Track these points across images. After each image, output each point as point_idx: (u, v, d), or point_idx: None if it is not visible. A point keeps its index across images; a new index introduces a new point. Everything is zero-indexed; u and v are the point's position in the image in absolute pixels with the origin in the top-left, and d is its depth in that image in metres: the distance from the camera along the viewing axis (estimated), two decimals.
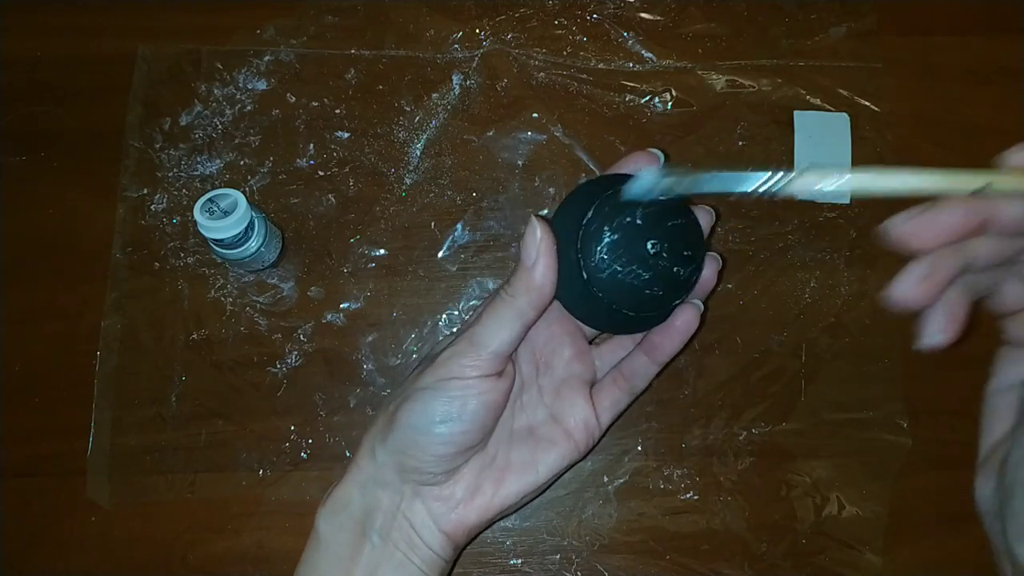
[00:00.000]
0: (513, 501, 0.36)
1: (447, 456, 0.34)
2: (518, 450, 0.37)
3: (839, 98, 0.50)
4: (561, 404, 0.38)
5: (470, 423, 0.34)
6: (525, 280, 0.32)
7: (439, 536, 0.35)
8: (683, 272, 0.33)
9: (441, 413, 0.33)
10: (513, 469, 0.36)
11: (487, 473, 0.36)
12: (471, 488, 0.35)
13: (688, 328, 0.36)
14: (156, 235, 0.48)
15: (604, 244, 0.31)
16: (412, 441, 0.34)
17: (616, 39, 0.51)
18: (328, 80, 0.50)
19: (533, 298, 0.32)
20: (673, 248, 0.32)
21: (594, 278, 0.32)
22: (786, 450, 0.46)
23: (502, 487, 0.36)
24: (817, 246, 0.49)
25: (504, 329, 0.33)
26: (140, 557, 0.44)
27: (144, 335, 0.47)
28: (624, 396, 0.39)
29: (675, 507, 0.46)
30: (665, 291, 0.33)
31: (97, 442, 0.45)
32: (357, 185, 0.49)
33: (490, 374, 0.34)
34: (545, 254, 0.32)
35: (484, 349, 0.33)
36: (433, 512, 0.35)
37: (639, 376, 0.38)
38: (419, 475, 0.34)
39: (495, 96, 0.51)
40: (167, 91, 0.50)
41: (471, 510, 0.35)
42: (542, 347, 0.39)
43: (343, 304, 0.48)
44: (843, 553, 0.45)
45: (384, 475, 0.35)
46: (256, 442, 0.46)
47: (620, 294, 0.32)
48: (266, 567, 0.44)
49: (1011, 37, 0.52)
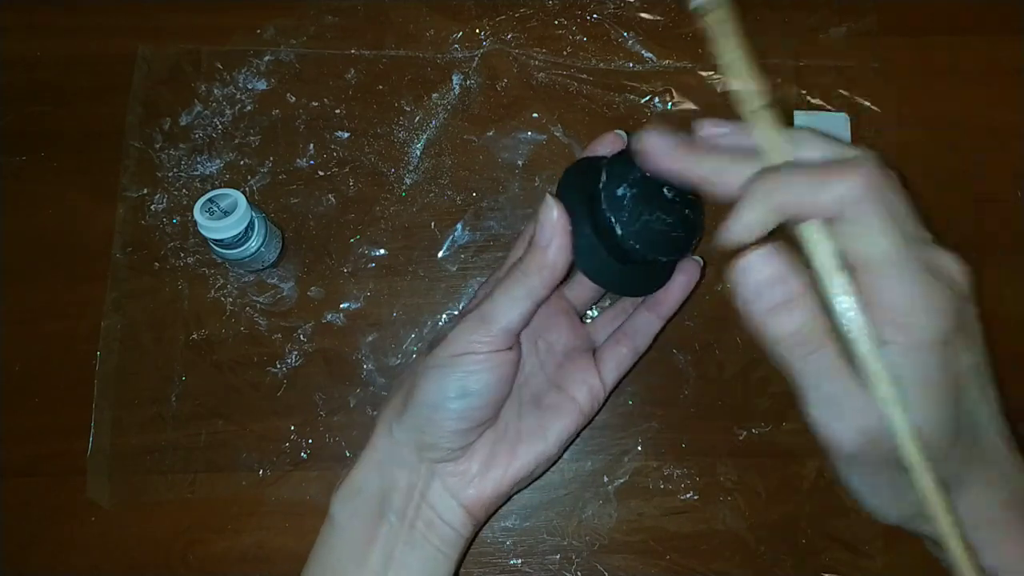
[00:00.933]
0: (527, 472, 0.36)
1: (463, 431, 0.35)
2: (527, 421, 0.37)
3: (839, 98, 0.50)
4: (563, 373, 0.39)
5: (485, 397, 0.34)
6: (539, 259, 0.33)
7: (459, 512, 0.35)
8: (693, 214, 0.35)
9: (456, 389, 0.34)
10: (524, 440, 0.37)
11: (500, 446, 0.36)
12: (486, 461, 0.36)
13: (691, 279, 0.38)
14: (156, 235, 0.48)
15: (629, 199, 0.33)
16: (428, 418, 0.34)
17: (616, 39, 0.51)
18: (328, 80, 0.50)
19: (545, 276, 0.33)
20: (681, 192, 0.34)
21: (628, 231, 0.33)
22: (786, 450, 0.46)
23: (515, 458, 0.36)
24: None
25: (516, 306, 0.34)
26: (140, 557, 0.44)
27: (144, 335, 0.47)
28: (628, 354, 0.40)
29: (675, 507, 0.46)
30: (687, 232, 0.35)
31: (97, 442, 0.45)
32: (357, 185, 0.49)
33: (501, 349, 0.34)
34: (560, 233, 0.33)
35: (495, 325, 0.34)
36: (451, 488, 0.35)
37: (642, 333, 0.39)
38: (436, 451, 0.35)
39: (495, 96, 0.51)
40: (167, 91, 0.50)
41: (488, 482, 0.36)
42: (539, 323, 0.40)
43: (343, 304, 0.48)
44: (843, 553, 0.45)
45: (401, 453, 0.35)
46: (256, 442, 0.46)
47: (653, 242, 0.34)
48: (266, 567, 0.44)
49: (1011, 37, 0.52)
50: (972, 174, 0.50)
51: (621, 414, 0.47)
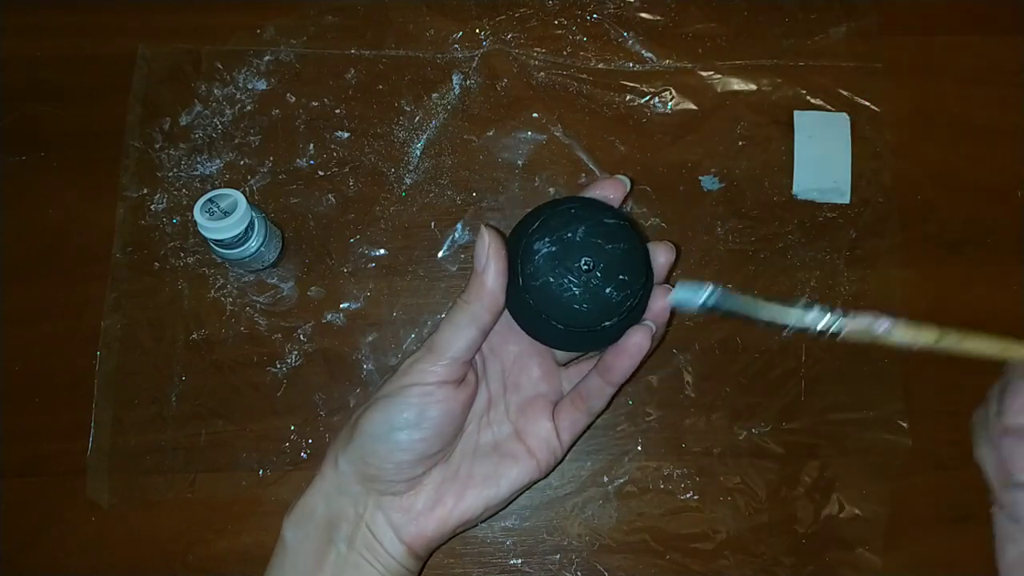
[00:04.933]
0: (473, 515, 0.36)
1: (406, 463, 0.34)
2: (481, 464, 0.37)
3: (839, 98, 0.50)
4: (525, 421, 0.38)
5: (429, 431, 0.34)
6: (477, 285, 0.33)
7: (400, 546, 0.35)
8: (616, 295, 0.33)
9: (400, 420, 0.34)
10: (475, 483, 0.36)
11: (449, 486, 0.36)
12: (432, 499, 0.35)
13: (638, 350, 0.35)
14: (156, 235, 0.48)
15: (542, 254, 0.33)
16: (371, 449, 0.34)
17: (616, 39, 0.51)
18: (328, 80, 0.50)
19: (486, 302, 0.33)
20: (608, 269, 0.33)
21: (528, 285, 0.33)
22: (786, 450, 0.46)
23: (463, 500, 0.36)
24: (817, 246, 0.49)
25: (461, 334, 0.34)
26: (140, 557, 0.44)
27: (144, 335, 0.47)
28: (582, 416, 0.38)
29: (675, 507, 0.46)
30: (593, 309, 0.33)
31: (97, 442, 0.45)
32: (357, 185, 0.49)
33: (449, 380, 0.34)
34: (494, 259, 0.33)
35: (443, 355, 0.34)
36: (393, 522, 0.35)
37: (595, 396, 0.38)
38: (380, 483, 0.35)
39: (495, 96, 0.51)
40: (167, 91, 0.50)
41: (431, 521, 0.35)
42: (511, 365, 0.39)
43: (343, 304, 0.48)
44: (843, 553, 0.45)
45: (347, 484, 0.35)
46: (256, 442, 0.46)
47: (550, 304, 0.33)
48: (266, 567, 0.44)
49: (1011, 37, 0.52)
50: (972, 174, 0.50)
51: (621, 414, 0.47)
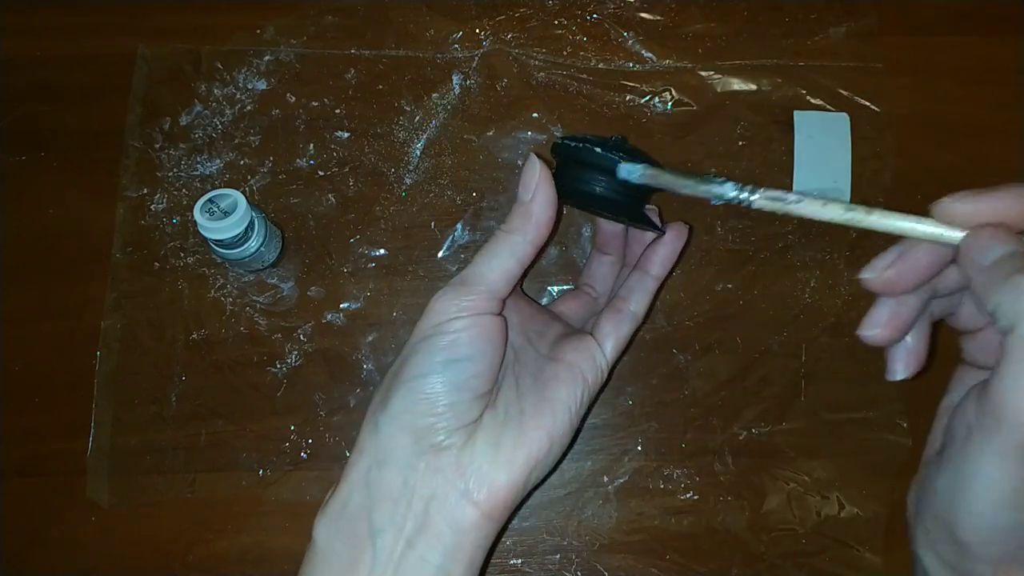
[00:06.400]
0: (538, 451, 0.32)
1: (459, 405, 0.31)
2: (528, 397, 0.33)
3: (839, 98, 0.50)
4: (560, 348, 0.35)
5: (477, 363, 0.31)
6: (522, 214, 0.32)
7: (470, 512, 0.30)
8: None
9: (445, 355, 0.31)
10: (528, 415, 0.33)
11: (502, 428, 0.32)
12: (492, 445, 0.31)
13: (679, 236, 0.38)
14: (156, 235, 0.48)
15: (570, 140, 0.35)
16: (417, 396, 0.31)
17: (616, 39, 0.51)
18: (328, 80, 0.50)
19: (530, 233, 0.32)
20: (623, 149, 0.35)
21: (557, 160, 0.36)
22: (786, 450, 0.46)
23: (523, 435, 0.32)
24: (817, 246, 0.49)
25: (499, 264, 0.32)
26: (140, 557, 0.44)
27: (144, 335, 0.47)
28: (624, 320, 0.37)
29: (675, 507, 0.46)
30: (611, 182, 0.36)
31: (97, 442, 0.45)
32: (357, 185, 0.49)
33: (487, 312, 0.32)
34: (544, 187, 0.32)
35: (478, 286, 0.32)
36: (457, 485, 0.30)
37: (637, 293, 0.38)
38: (433, 435, 0.30)
39: (495, 96, 0.51)
40: (167, 91, 0.50)
41: (499, 470, 0.31)
42: (528, 321, 0.38)
43: (343, 304, 0.48)
44: (843, 553, 0.45)
45: (392, 449, 0.31)
46: (256, 442, 0.46)
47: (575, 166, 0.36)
48: (266, 567, 0.44)
49: (1011, 37, 0.52)
50: (972, 174, 0.50)
51: (621, 414, 0.47)
